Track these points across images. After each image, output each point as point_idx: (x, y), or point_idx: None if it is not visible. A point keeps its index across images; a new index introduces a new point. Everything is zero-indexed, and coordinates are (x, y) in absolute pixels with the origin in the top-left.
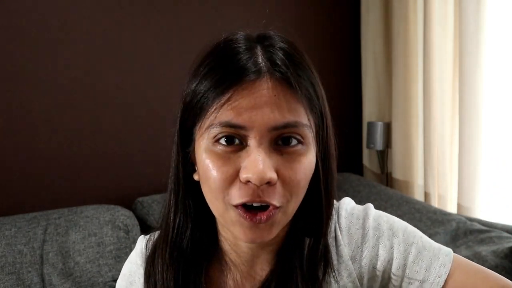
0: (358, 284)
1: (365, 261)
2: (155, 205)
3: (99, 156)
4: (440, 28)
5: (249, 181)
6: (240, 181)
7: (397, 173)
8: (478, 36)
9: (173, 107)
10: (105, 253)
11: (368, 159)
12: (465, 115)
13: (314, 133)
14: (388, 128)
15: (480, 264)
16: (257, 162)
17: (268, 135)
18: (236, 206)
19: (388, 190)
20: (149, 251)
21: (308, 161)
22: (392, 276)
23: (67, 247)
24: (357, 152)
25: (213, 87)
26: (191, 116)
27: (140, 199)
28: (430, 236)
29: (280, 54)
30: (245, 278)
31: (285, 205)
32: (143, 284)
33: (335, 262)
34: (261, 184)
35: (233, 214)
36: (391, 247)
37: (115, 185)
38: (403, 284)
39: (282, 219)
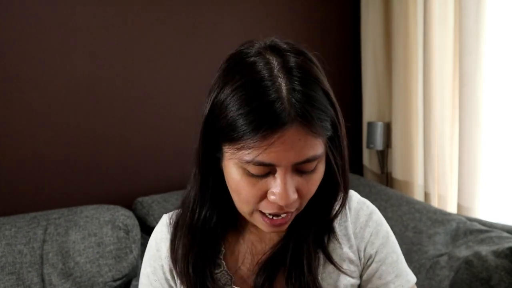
0: (358, 256)
1: (364, 241)
2: (155, 205)
3: (99, 156)
4: (440, 28)
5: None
6: (267, 199)
7: (397, 173)
8: (478, 36)
9: (173, 108)
10: (105, 253)
11: (368, 159)
12: (465, 115)
13: (327, 146)
14: (388, 128)
15: (480, 264)
16: (283, 191)
17: (292, 167)
18: (261, 212)
19: (388, 190)
20: (173, 221)
21: (320, 172)
22: (372, 264)
23: (67, 247)
24: (357, 152)
25: (245, 126)
26: (220, 130)
27: (140, 199)
28: (430, 236)
29: (303, 97)
30: (258, 242)
31: (299, 207)
32: (168, 249)
33: (340, 233)
34: (286, 205)
35: (257, 216)
36: (382, 244)
37: (115, 185)
38: (375, 275)
39: (296, 214)
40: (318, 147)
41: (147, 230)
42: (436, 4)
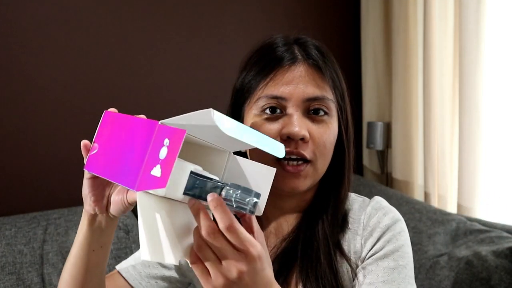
0: (362, 243)
1: (369, 229)
2: None
3: None
4: (440, 28)
5: (288, 137)
6: (281, 139)
7: (397, 173)
8: (478, 36)
9: (173, 108)
10: None
11: (368, 159)
12: (465, 115)
13: (337, 108)
14: (388, 128)
15: (480, 264)
16: (294, 123)
17: (302, 105)
18: (279, 162)
19: (388, 190)
20: None
21: (332, 127)
22: (368, 259)
23: (67, 247)
24: (357, 152)
25: (259, 72)
26: (241, 98)
27: None
28: (430, 236)
29: (313, 48)
30: (272, 233)
31: (315, 160)
32: None
33: (351, 224)
34: (297, 138)
35: (277, 169)
36: (386, 240)
37: None
38: (362, 271)
39: (313, 174)
40: (327, 90)
41: None
42: (436, 4)
